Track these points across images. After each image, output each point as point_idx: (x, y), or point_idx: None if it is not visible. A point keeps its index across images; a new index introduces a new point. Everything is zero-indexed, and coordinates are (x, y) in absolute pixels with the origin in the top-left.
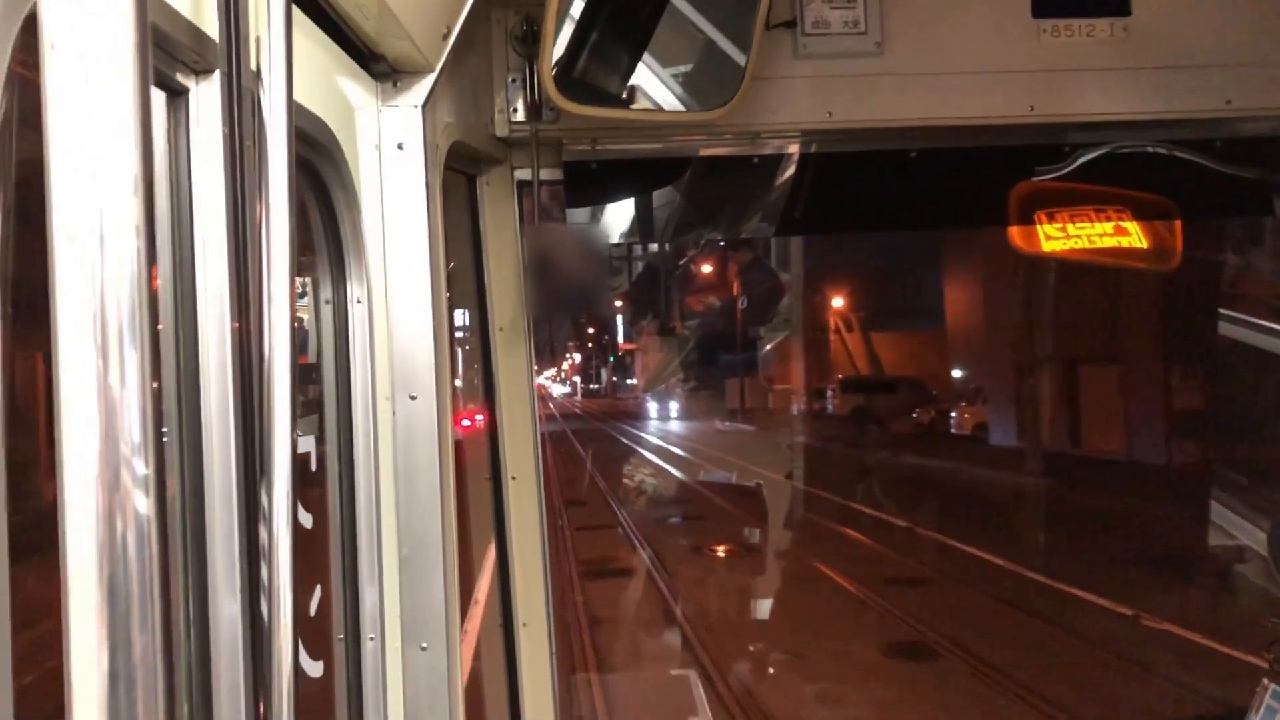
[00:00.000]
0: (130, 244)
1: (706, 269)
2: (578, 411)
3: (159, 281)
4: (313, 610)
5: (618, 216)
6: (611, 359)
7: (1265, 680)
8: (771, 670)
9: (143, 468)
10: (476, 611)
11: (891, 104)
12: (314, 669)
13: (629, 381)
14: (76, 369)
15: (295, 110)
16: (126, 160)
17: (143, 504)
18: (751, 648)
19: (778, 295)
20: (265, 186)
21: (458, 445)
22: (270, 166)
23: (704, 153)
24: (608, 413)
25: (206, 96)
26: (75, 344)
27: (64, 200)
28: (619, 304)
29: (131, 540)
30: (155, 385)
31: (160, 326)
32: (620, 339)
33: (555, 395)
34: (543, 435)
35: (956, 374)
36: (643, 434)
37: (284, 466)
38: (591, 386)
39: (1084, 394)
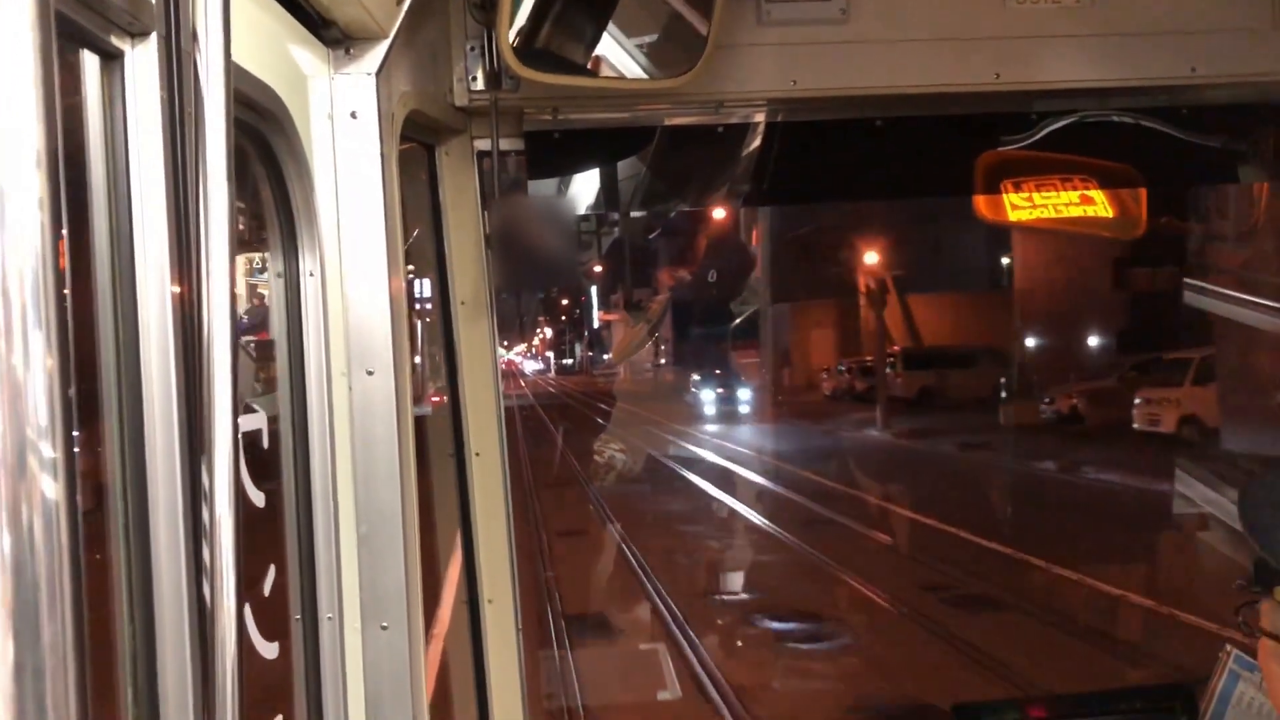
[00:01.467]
0: (33, 219)
1: (702, 226)
2: (551, 389)
3: (95, 254)
4: (267, 590)
5: (583, 187)
6: (586, 333)
7: (1228, 646)
8: None
9: (50, 451)
10: (450, 589)
11: (856, 72)
12: (269, 650)
13: (606, 356)
14: None
15: (242, 77)
16: (26, 132)
17: (50, 489)
18: None
19: (796, 255)
20: (203, 155)
21: (421, 421)
22: (208, 134)
23: (668, 122)
24: (588, 393)
25: (143, 60)
26: None
27: None
28: (597, 270)
29: (38, 527)
30: (61, 366)
31: (98, 301)
32: (595, 311)
33: (528, 372)
34: (515, 412)
35: (1035, 343)
36: (639, 426)
37: (225, 443)
38: (565, 362)
39: None
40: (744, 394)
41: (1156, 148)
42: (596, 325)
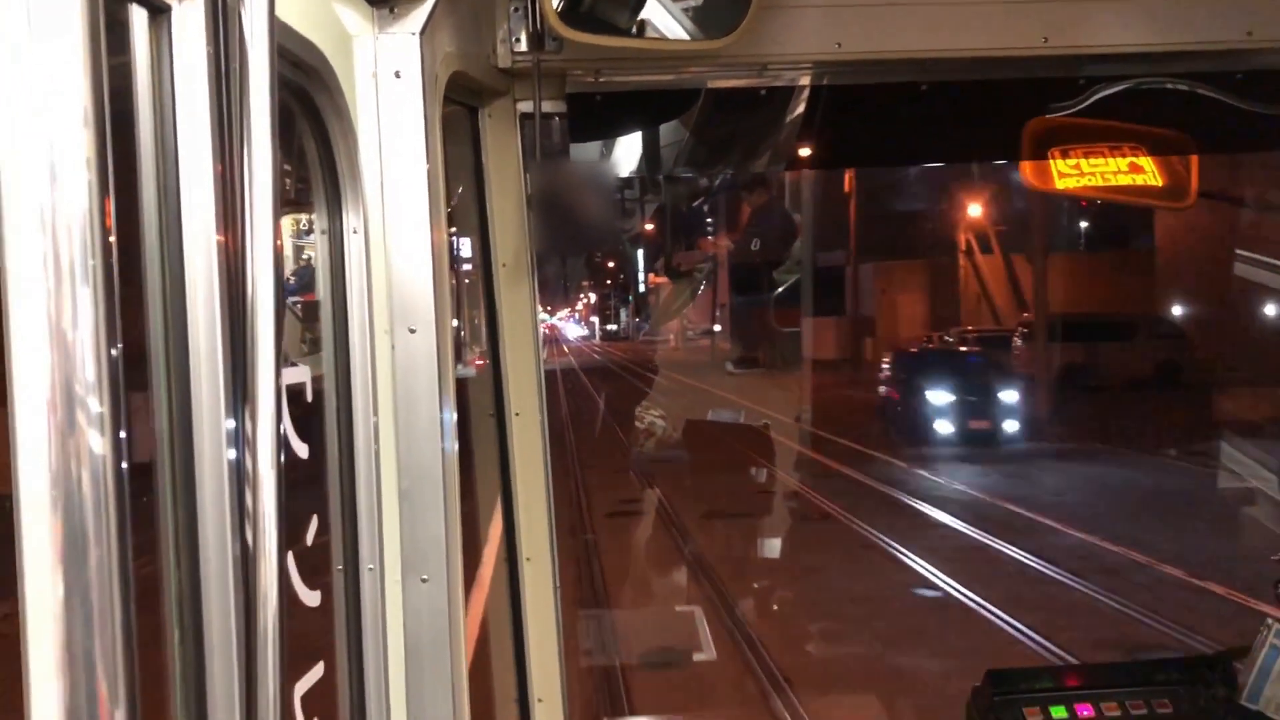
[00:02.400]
0: (81, 178)
1: (752, 189)
2: (596, 355)
3: (143, 208)
4: (310, 540)
5: (625, 150)
6: (632, 297)
7: (1269, 620)
8: None
9: (97, 405)
10: (493, 547)
11: (901, 35)
12: (311, 598)
13: (650, 322)
14: (27, 309)
15: (287, 34)
16: (74, 91)
17: (98, 443)
18: None
19: (878, 208)
20: (248, 110)
21: (462, 382)
22: (253, 90)
23: (711, 85)
24: (638, 362)
25: (190, 16)
26: (25, 284)
27: (7, 133)
28: (641, 234)
29: (86, 479)
30: (108, 322)
31: (146, 254)
32: (641, 275)
33: (570, 337)
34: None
35: (1204, 313)
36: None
37: (268, 393)
38: (610, 328)
39: None
40: (830, 368)
41: (1208, 114)
42: (643, 289)
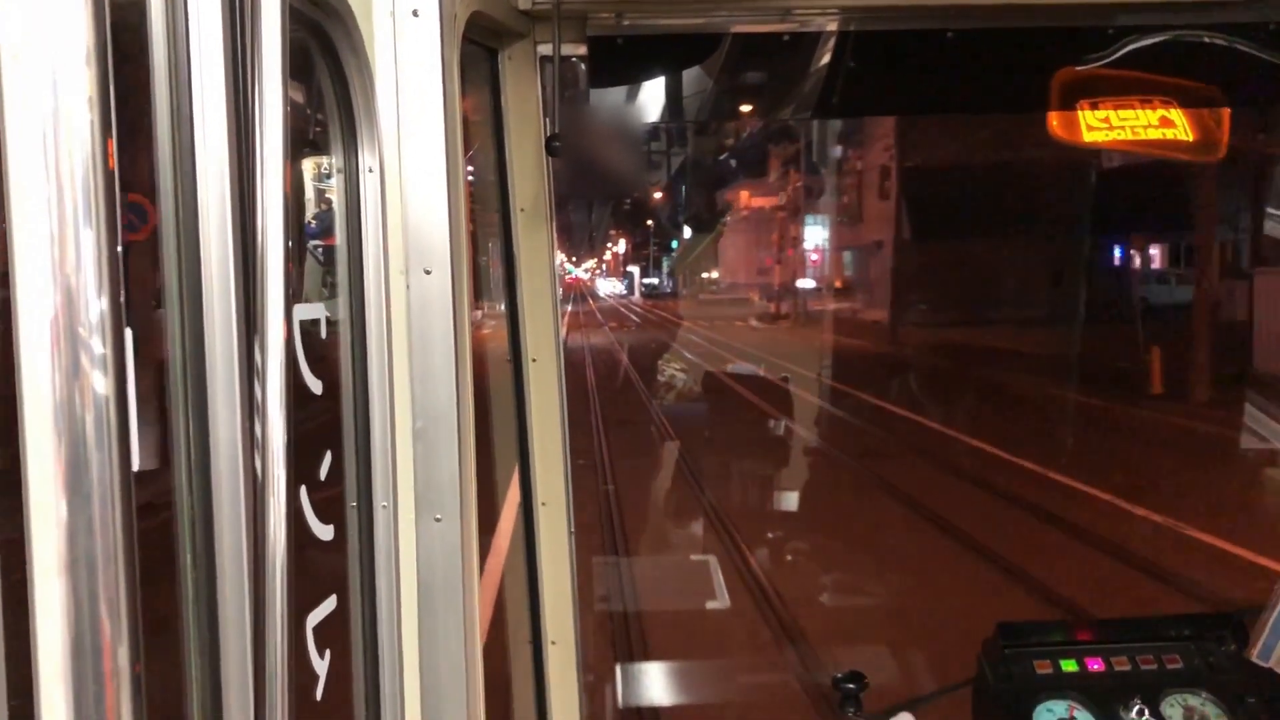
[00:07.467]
0: (84, 117)
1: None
2: (634, 318)
3: (158, 148)
4: (323, 475)
5: (648, 96)
6: (674, 244)
7: None
8: None
9: (100, 347)
10: (514, 493)
11: None
12: (325, 532)
13: (706, 275)
14: (30, 252)
15: None
16: (76, 28)
17: (101, 384)
18: None
19: None
20: (259, 44)
21: (477, 326)
22: (264, 23)
23: (735, 29)
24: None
25: None
26: (29, 227)
27: (9, 74)
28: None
29: (90, 421)
30: (111, 263)
31: (160, 184)
32: (683, 219)
33: (602, 294)
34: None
35: None
36: None
37: (277, 327)
38: (650, 282)
39: None
40: None
41: (1242, 67)
42: (688, 235)
